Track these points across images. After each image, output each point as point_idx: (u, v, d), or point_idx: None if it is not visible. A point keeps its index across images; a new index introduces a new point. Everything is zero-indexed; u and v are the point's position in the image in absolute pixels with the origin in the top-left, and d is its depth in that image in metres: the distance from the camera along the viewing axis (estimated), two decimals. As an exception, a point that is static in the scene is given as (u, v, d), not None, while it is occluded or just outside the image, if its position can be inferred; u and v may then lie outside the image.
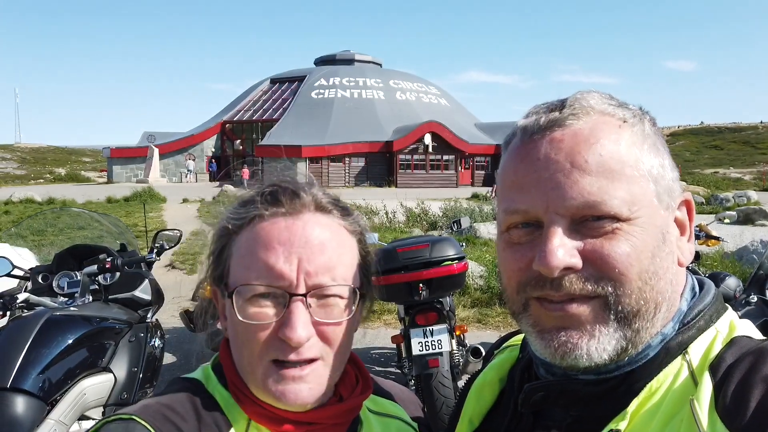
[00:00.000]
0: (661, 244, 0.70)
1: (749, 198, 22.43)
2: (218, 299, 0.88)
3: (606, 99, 0.75)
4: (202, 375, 0.88)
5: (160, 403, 0.80)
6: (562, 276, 0.68)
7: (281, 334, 0.77)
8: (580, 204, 0.68)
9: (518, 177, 0.72)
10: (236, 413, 0.82)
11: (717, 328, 0.73)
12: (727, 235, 6.26)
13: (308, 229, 0.81)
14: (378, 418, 0.95)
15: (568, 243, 0.68)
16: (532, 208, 0.70)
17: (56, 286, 3.19)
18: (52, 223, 5.00)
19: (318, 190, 0.87)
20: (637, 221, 0.68)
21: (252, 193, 0.87)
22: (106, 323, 2.95)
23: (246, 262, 0.81)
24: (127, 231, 4.32)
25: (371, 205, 15.74)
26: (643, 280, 0.68)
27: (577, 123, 0.71)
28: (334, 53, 51.91)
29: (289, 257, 0.78)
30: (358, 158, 40.57)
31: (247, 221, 0.83)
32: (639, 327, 0.69)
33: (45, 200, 20.88)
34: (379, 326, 6.46)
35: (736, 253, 7.99)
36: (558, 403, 0.74)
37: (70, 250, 3.42)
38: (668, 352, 0.71)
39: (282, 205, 0.83)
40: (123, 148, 42.33)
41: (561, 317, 0.70)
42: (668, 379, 0.69)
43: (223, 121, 45.49)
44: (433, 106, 47.27)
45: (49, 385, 2.53)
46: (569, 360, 0.70)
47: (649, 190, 0.70)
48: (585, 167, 0.68)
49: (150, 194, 23.82)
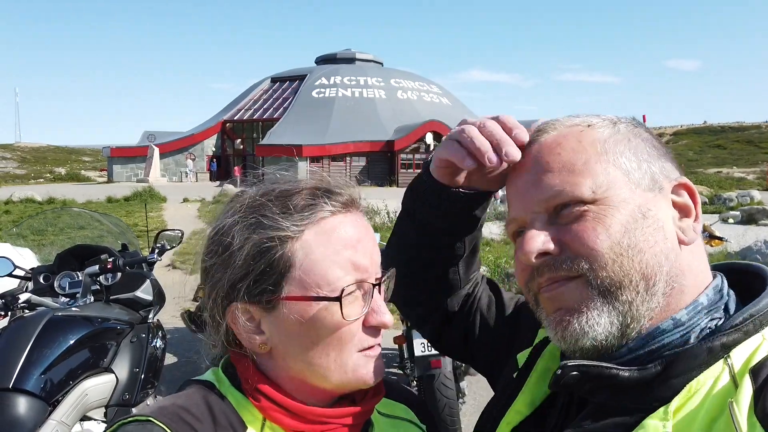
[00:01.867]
0: (639, 220, 0.74)
1: (752, 198, 22.39)
2: (253, 315, 0.83)
3: (580, 116, 0.83)
4: (214, 377, 0.88)
5: (175, 405, 0.80)
6: (542, 262, 0.76)
7: (375, 321, 0.84)
8: (547, 197, 0.76)
9: (507, 194, 0.85)
10: (250, 414, 0.82)
11: (764, 334, 0.72)
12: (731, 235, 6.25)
13: (365, 225, 0.87)
14: (388, 420, 0.96)
15: (543, 233, 0.76)
16: (518, 215, 0.81)
17: (58, 287, 3.19)
18: (52, 222, 4.99)
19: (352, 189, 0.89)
20: (605, 200, 0.74)
21: (302, 195, 0.83)
22: (108, 324, 2.94)
23: (330, 262, 0.80)
24: (128, 231, 4.31)
25: (373, 204, 15.73)
26: (616, 253, 0.72)
27: (544, 137, 0.81)
28: (335, 52, 51.88)
29: (366, 251, 0.84)
30: (359, 157, 40.57)
31: (312, 223, 0.81)
32: (629, 299, 0.73)
33: (45, 200, 20.90)
34: (381, 326, 6.44)
35: (739, 253, 7.98)
36: (591, 387, 0.76)
37: (72, 251, 3.41)
38: (711, 352, 0.71)
39: (340, 203, 0.84)
40: (123, 148, 42.30)
41: (551, 298, 0.77)
42: (709, 381, 0.69)
43: (224, 121, 45.47)
44: (434, 105, 47.27)
45: (51, 385, 2.53)
46: (569, 338, 0.75)
47: (617, 175, 0.76)
48: (547, 167, 0.78)
49: (150, 194, 23.82)
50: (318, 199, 0.82)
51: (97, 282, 3.14)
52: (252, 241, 0.80)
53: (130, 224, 13.54)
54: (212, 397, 0.83)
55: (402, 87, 47.88)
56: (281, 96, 46.95)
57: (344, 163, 40.00)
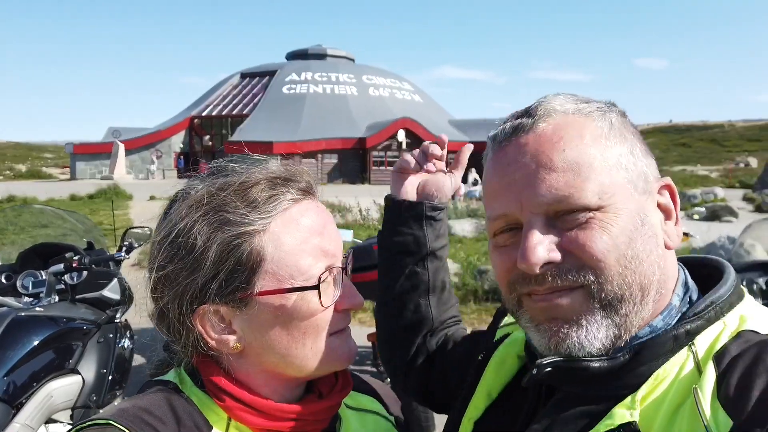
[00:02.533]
0: (639, 227, 0.72)
1: (716, 195, 23.11)
2: (223, 315, 0.80)
3: (570, 99, 0.77)
4: (176, 377, 0.85)
5: (137, 407, 0.78)
6: (545, 271, 0.71)
7: (347, 304, 0.85)
8: (550, 200, 0.71)
9: (493, 184, 0.77)
10: (214, 413, 0.81)
11: (725, 321, 0.74)
12: (696, 231, 6.42)
13: (325, 210, 0.87)
14: (356, 413, 0.96)
15: (546, 239, 0.71)
16: (509, 210, 0.74)
17: (20, 286, 3.10)
18: (13, 221, 4.83)
19: (306, 174, 0.88)
20: (610, 208, 0.71)
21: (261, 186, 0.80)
22: (74, 324, 2.88)
23: (300, 250, 0.80)
24: (94, 228, 4.20)
25: (344, 202, 15.70)
26: (622, 265, 0.70)
27: (541, 125, 0.74)
28: (306, 48, 51.55)
29: (331, 237, 0.84)
30: (331, 155, 40.43)
31: (277, 214, 0.79)
32: (626, 312, 0.71)
33: (4, 198, 20.26)
34: (354, 324, 6.42)
35: (704, 248, 8.22)
36: (562, 380, 0.76)
37: (35, 249, 3.32)
38: (676, 340, 0.72)
39: (299, 191, 0.83)
40: (87, 144, 41.25)
41: (548, 308, 0.73)
42: (674, 369, 0.70)
43: (192, 116, 44.72)
44: (406, 103, 47.39)
45: (15, 388, 2.48)
46: (563, 350, 0.73)
47: (620, 178, 0.73)
48: (550, 165, 0.72)
49: (116, 191, 23.32)
50: (278, 188, 0.81)
51: (62, 281, 3.07)
52: (218, 240, 0.77)
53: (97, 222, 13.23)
54: (175, 397, 0.81)
55: (374, 84, 47.88)
56: (251, 92, 46.47)
57: (316, 161, 39.79)
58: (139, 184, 31.55)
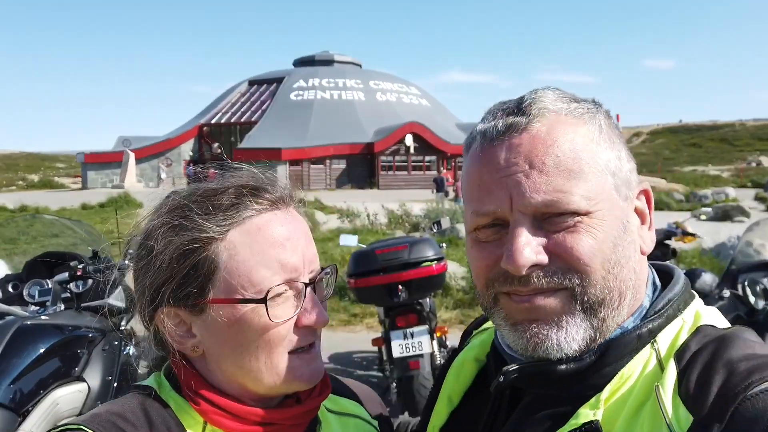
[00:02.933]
0: (622, 234, 0.74)
1: (727, 195, 22.89)
2: (182, 319, 0.82)
3: (560, 97, 0.77)
4: (155, 382, 0.86)
5: (110, 412, 0.79)
6: (530, 272, 0.71)
7: (307, 321, 0.82)
8: (540, 203, 0.71)
9: (483, 181, 0.75)
10: (191, 417, 0.81)
11: (684, 317, 0.76)
12: (705, 232, 6.37)
13: (297, 222, 0.85)
14: (337, 417, 0.96)
15: (533, 240, 0.72)
16: (498, 208, 0.73)
17: (27, 295, 3.12)
18: (24, 231, 4.89)
19: (283, 184, 0.88)
20: (597, 214, 0.72)
21: (230, 194, 0.81)
22: (79, 331, 2.89)
23: (256, 263, 0.78)
24: (100, 238, 4.24)
25: (353, 207, 15.71)
26: (606, 270, 0.71)
27: (534, 126, 0.74)
28: (313, 54, 51.76)
29: (296, 250, 0.82)
30: (339, 160, 40.50)
31: (237, 223, 0.79)
32: (605, 316, 0.73)
33: (17, 207, 20.47)
34: (362, 329, 6.45)
35: (714, 249, 8.15)
36: (529, 383, 0.77)
37: (41, 258, 3.35)
38: (639, 339, 0.73)
39: (268, 201, 0.83)
40: (98, 153, 41.64)
41: (529, 309, 0.73)
42: (638, 367, 0.72)
43: (201, 124, 45.04)
44: (413, 107, 47.41)
45: (21, 395, 2.49)
46: (540, 351, 0.73)
47: (608, 184, 0.74)
48: (543, 168, 0.72)
49: (126, 200, 23.47)
50: (243, 197, 0.81)
51: (68, 289, 3.09)
52: (174, 244, 0.79)
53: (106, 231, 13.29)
54: (149, 402, 0.82)
55: (381, 89, 47.97)
56: (259, 99, 46.71)
57: (324, 166, 39.91)
58: (149, 192, 31.58)
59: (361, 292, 3.90)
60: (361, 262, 3.85)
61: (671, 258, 4.57)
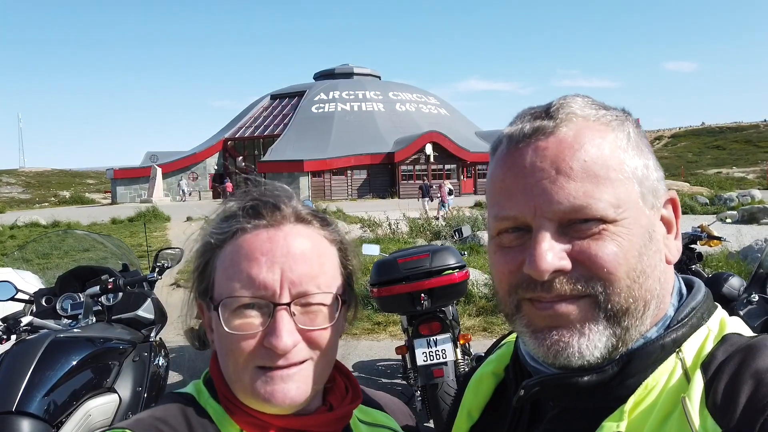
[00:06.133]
0: (647, 243, 0.72)
1: (753, 197, 22.28)
2: (204, 313, 0.89)
3: (589, 103, 0.76)
4: (194, 389, 0.89)
5: (153, 417, 0.81)
6: (553, 278, 0.70)
7: (267, 343, 0.79)
8: (567, 208, 0.69)
9: (506, 184, 0.74)
10: (228, 425, 0.83)
11: (708, 326, 0.74)
12: (731, 235, 6.24)
13: (289, 240, 0.83)
14: (369, 428, 0.96)
15: (557, 246, 0.70)
16: (520, 214, 0.72)
17: (60, 308, 3.20)
18: (57, 245, 5.03)
19: (297, 203, 0.89)
20: (623, 222, 0.70)
21: (234, 207, 0.88)
22: (110, 344, 2.96)
23: (230, 274, 0.82)
24: (129, 251, 4.34)
25: (374, 216, 15.75)
26: (631, 279, 0.70)
27: (561, 130, 0.72)
28: (333, 67, 52.28)
29: (272, 267, 0.80)
30: (360, 170, 40.68)
31: (230, 235, 0.84)
32: (628, 325, 0.71)
33: (50, 223, 20.96)
34: (385, 338, 6.45)
35: (741, 252, 7.95)
36: (551, 395, 0.76)
37: (73, 272, 3.44)
38: (663, 349, 0.72)
39: (263, 217, 0.84)
40: (126, 169, 42.62)
41: (552, 316, 0.71)
42: (663, 378, 0.70)
43: (225, 139, 45.76)
44: (433, 116, 47.46)
45: (54, 407, 2.53)
46: (562, 359, 0.71)
47: (634, 192, 0.72)
48: (570, 173, 0.70)
49: (154, 214, 23.92)
50: (237, 217, 0.86)
51: (99, 302, 3.16)
52: (198, 244, 0.90)
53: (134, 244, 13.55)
54: (190, 409, 0.84)
55: (400, 99, 48.13)
56: (281, 112, 47.26)
57: (345, 177, 40.10)
58: (176, 206, 32.24)
59: (383, 300, 3.91)
60: (383, 271, 3.86)
61: (696, 262, 4.50)
